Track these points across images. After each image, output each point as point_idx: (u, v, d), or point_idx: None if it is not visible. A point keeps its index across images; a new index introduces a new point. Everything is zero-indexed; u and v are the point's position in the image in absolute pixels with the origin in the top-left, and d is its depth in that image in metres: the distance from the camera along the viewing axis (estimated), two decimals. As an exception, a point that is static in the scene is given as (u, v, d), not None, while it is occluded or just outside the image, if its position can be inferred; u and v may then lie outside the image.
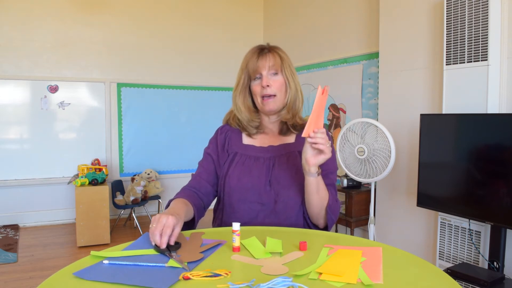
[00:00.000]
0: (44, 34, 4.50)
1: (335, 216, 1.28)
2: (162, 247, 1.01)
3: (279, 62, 1.32)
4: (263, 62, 1.31)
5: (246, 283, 0.84)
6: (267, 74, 1.31)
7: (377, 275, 0.90)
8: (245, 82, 1.35)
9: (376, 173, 2.77)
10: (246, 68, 1.34)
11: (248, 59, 1.34)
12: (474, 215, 2.23)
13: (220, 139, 1.41)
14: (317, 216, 1.29)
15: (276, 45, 1.40)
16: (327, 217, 1.27)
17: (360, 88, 3.88)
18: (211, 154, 1.40)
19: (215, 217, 1.44)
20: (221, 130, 1.43)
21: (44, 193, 4.57)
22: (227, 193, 1.33)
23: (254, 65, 1.31)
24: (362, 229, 3.75)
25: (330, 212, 1.26)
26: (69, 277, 0.90)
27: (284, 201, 1.30)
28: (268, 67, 1.31)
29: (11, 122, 4.43)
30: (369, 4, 3.76)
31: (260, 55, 1.32)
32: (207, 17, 5.31)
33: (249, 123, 1.36)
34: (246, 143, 1.39)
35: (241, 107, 1.36)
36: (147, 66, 4.99)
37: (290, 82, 1.34)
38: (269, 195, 1.30)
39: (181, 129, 5.21)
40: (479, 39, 2.32)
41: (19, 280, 3.03)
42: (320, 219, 1.29)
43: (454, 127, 2.40)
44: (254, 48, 1.36)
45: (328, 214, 1.26)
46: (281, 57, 1.34)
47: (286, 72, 1.34)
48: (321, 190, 1.23)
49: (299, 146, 1.35)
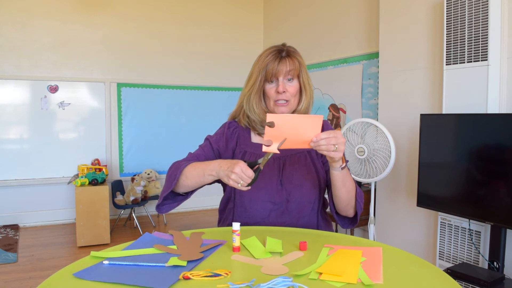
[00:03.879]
0: (44, 34, 4.50)
1: (363, 202, 1.29)
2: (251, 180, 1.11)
3: (297, 68, 1.31)
4: (282, 67, 1.29)
5: (246, 283, 0.84)
6: (283, 79, 1.30)
7: (377, 275, 0.90)
8: (262, 83, 1.32)
9: (376, 173, 2.77)
10: (264, 70, 1.30)
11: (267, 61, 1.30)
12: (474, 215, 2.23)
13: (228, 133, 1.39)
14: (346, 208, 1.28)
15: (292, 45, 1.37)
16: (357, 205, 1.26)
17: (360, 88, 3.88)
18: (212, 143, 1.39)
19: (223, 218, 1.43)
20: (229, 125, 1.41)
21: (44, 193, 4.57)
22: (238, 193, 1.32)
23: (274, 69, 1.28)
24: (362, 229, 3.75)
25: (359, 199, 1.26)
26: (69, 277, 0.90)
27: (296, 200, 1.31)
28: (286, 73, 1.29)
29: (11, 122, 4.43)
30: (369, 4, 3.76)
31: (280, 60, 1.29)
32: (207, 17, 5.31)
33: (262, 124, 1.35)
34: (255, 141, 1.38)
35: (255, 108, 1.34)
36: (147, 66, 4.99)
37: (306, 88, 1.34)
38: (281, 194, 1.30)
39: (181, 129, 5.21)
40: (479, 39, 2.32)
41: (19, 280, 3.03)
42: (350, 209, 1.29)
43: (454, 127, 2.40)
44: (273, 50, 1.33)
45: (358, 202, 1.26)
46: (299, 62, 1.32)
47: (304, 78, 1.33)
48: (347, 182, 1.23)
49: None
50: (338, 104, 4.19)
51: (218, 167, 1.18)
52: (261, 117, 1.33)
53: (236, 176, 1.10)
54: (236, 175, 1.10)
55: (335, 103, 4.22)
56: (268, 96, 1.33)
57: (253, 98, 1.33)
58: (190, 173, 1.25)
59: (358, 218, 1.30)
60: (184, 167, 1.26)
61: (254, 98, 1.33)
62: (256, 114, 1.34)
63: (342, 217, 1.34)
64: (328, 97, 4.29)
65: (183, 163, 1.29)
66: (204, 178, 1.23)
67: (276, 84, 1.30)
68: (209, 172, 1.20)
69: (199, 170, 1.23)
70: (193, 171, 1.25)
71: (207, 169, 1.21)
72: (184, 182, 1.26)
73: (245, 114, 1.37)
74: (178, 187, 1.29)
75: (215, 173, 1.19)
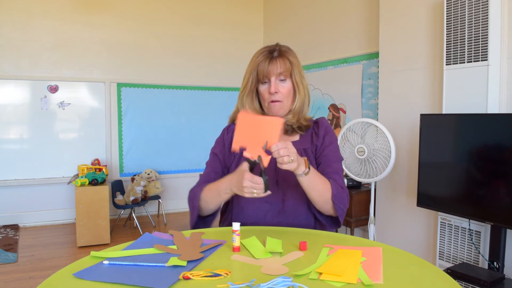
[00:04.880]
0: (44, 34, 4.50)
1: (343, 205, 1.25)
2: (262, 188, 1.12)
3: (289, 68, 1.31)
4: (273, 67, 1.29)
5: (246, 283, 0.84)
6: (275, 80, 1.30)
7: (377, 275, 0.90)
8: (254, 84, 1.34)
9: (376, 173, 2.77)
10: (255, 71, 1.32)
11: (258, 62, 1.31)
12: (474, 215, 2.23)
13: (227, 138, 1.41)
14: (325, 209, 1.27)
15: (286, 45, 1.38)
16: (335, 207, 1.25)
17: (360, 88, 3.88)
18: (217, 154, 1.41)
19: (223, 219, 1.45)
20: (227, 130, 1.44)
21: (44, 193, 4.57)
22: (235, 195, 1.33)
23: (265, 70, 1.29)
24: (362, 229, 3.75)
25: (336, 201, 1.23)
26: (69, 277, 0.90)
27: (292, 199, 1.31)
28: (277, 74, 1.30)
29: (11, 122, 4.43)
30: (369, 4, 3.76)
31: (271, 60, 1.30)
32: (207, 17, 5.31)
33: None
34: None
35: (247, 108, 1.35)
36: (147, 66, 4.99)
37: (299, 87, 1.34)
38: (277, 194, 1.30)
39: (181, 129, 5.21)
40: (479, 39, 2.32)
41: (19, 280, 3.03)
42: (329, 210, 1.27)
43: (454, 127, 2.40)
44: (264, 50, 1.34)
45: (335, 204, 1.24)
46: (291, 62, 1.32)
47: (296, 77, 1.33)
48: (317, 185, 1.22)
49: (304, 143, 1.36)
50: (338, 104, 4.19)
51: (229, 185, 1.22)
52: None
53: (248, 188, 1.12)
54: (247, 188, 1.12)
55: (335, 103, 4.22)
56: (262, 97, 1.34)
57: (246, 99, 1.35)
58: (208, 197, 1.29)
59: (341, 221, 1.28)
60: (200, 194, 1.30)
61: (247, 99, 1.35)
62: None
63: (325, 216, 1.31)
64: (328, 97, 4.29)
65: (197, 189, 1.32)
66: (221, 197, 1.27)
67: (269, 84, 1.31)
68: (224, 191, 1.24)
69: (214, 192, 1.27)
70: (210, 195, 1.29)
71: (221, 190, 1.25)
72: (205, 207, 1.31)
73: None
74: (202, 212, 1.33)
75: (229, 191, 1.22)
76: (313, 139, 1.37)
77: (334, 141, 1.37)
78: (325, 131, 1.37)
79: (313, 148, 1.36)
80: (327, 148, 1.35)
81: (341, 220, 1.28)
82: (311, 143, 1.37)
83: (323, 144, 1.36)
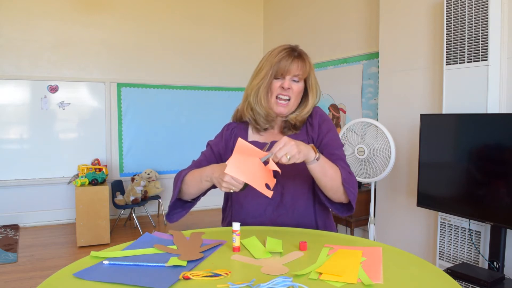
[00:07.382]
0: (44, 34, 4.50)
1: (354, 188, 1.25)
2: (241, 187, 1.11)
3: (307, 71, 1.33)
4: (294, 66, 1.30)
5: (246, 283, 0.84)
6: (290, 78, 1.31)
7: (377, 275, 0.90)
8: (272, 78, 1.33)
9: (376, 173, 2.77)
10: (276, 65, 1.31)
11: (280, 57, 1.31)
12: (474, 215, 2.23)
13: (226, 134, 1.42)
14: (337, 195, 1.26)
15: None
16: (346, 191, 1.23)
17: (360, 88, 3.88)
18: (212, 146, 1.43)
19: (225, 216, 1.46)
20: (227, 127, 1.45)
21: (44, 193, 4.57)
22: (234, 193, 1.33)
23: (286, 66, 1.30)
24: (362, 229, 3.75)
25: (347, 185, 1.22)
26: (69, 277, 0.90)
27: (290, 192, 1.31)
28: (296, 73, 1.31)
29: (11, 122, 4.43)
30: (369, 4, 3.76)
31: (293, 59, 1.31)
32: (207, 17, 5.31)
33: (267, 117, 1.36)
34: (251, 139, 1.40)
35: (263, 102, 1.34)
36: (147, 66, 4.99)
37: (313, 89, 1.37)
38: (276, 188, 1.30)
39: (181, 129, 5.21)
40: (479, 39, 2.32)
41: (19, 280, 3.03)
42: (341, 196, 1.26)
43: (454, 127, 2.40)
44: (286, 47, 1.34)
45: (346, 188, 1.23)
46: (310, 65, 1.34)
47: (312, 80, 1.36)
48: (328, 171, 1.21)
49: (299, 136, 1.36)
50: (338, 104, 4.19)
51: (211, 173, 1.22)
52: (267, 111, 1.34)
53: (227, 184, 1.12)
54: (227, 183, 1.12)
55: (335, 103, 4.22)
56: (271, 90, 1.33)
57: (262, 91, 1.34)
58: (190, 180, 1.29)
59: (353, 204, 1.26)
60: (185, 175, 1.31)
61: (263, 92, 1.34)
62: (263, 107, 1.34)
63: (337, 204, 1.30)
64: (328, 97, 4.29)
65: (184, 172, 1.33)
66: (201, 184, 1.27)
67: (282, 80, 1.32)
68: (204, 178, 1.24)
69: (197, 176, 1.28)
70: (192, 178, 1.29)
71: (203, 176, 1.25)
72: (186, 189, 1.31)
73: (249, 107, 1.37)
74: (183, 194, 1.33)
75: (209, 179, 1.22)
76: (308, 131, 1.38)
77: (331, 128, 1.37)
78: (320, 119, 1.38)
79: (309, 139, 1.36)
80: (326, 136, 1.35)
81: (353, 205, 1.26)
82: (307, 134, 1.37)
83: (320, 133, 1.36)
